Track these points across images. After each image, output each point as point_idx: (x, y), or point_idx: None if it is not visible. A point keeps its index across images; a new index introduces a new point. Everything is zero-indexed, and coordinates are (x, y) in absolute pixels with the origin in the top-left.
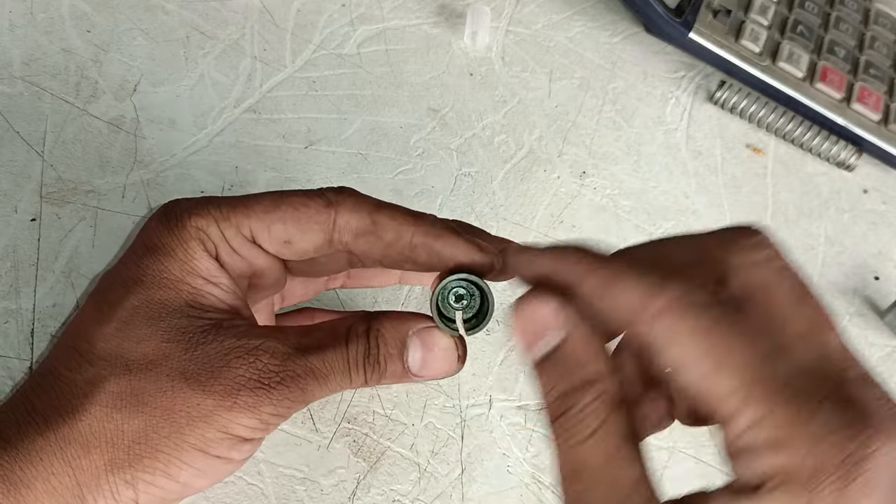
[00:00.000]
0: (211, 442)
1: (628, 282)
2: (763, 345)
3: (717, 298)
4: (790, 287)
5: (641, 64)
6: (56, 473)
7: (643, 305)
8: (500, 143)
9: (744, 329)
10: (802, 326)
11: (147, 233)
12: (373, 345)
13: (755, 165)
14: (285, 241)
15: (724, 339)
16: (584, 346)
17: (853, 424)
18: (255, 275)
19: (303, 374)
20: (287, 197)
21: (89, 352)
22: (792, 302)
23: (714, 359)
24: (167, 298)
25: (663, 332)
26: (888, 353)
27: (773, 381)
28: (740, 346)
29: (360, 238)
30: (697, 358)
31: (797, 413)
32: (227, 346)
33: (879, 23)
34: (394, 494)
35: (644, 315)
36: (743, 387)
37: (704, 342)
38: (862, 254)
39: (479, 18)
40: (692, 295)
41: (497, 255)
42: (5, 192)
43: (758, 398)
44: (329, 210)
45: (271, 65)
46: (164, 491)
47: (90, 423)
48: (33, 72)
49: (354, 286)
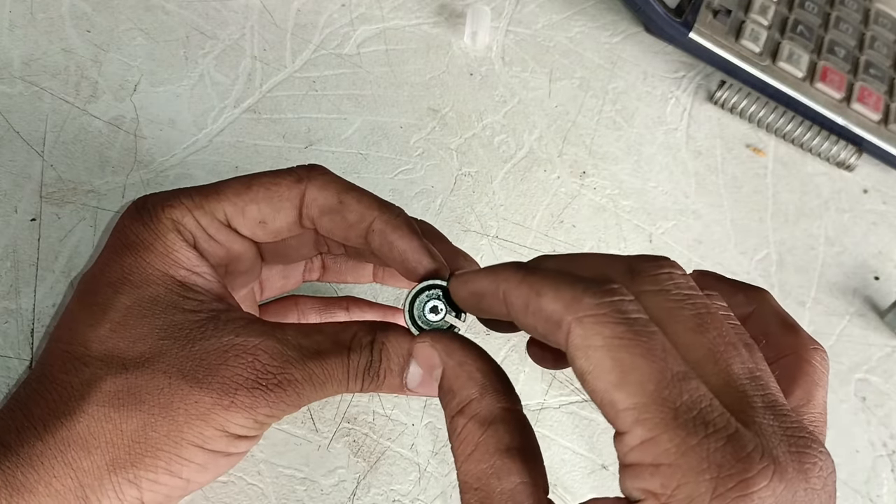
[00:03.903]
0: (209, 438)
1: (549, 294)
2: (667, 368)
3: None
4: (692, 315)
5: (641, 64)
6: (58, 476)
7: (561, 316)
8: (500, 143)
9: (651, 349)
10: (702, 355)
11: (122, 230)
12: (375, 358)
13: (755, 165)
14: (260, 221)
15: (631, 355)
16: (454, 377)
17: (735, 462)
18: (232, 261)
19: (301, 379)
20: (257, 178)
21: (84, 354)
22: (693, 330)
23: (619, 373)
24: (157, 295)
25: (577, 341)
26: (888, 353)
27: (668, 405)
28: (646, 365)
29: (326, 216)
30: (604, 371)
31: (682, 442)
32: (226, 342)
33: (879, 23)
34: (394, 494)
35: (563, 325)
36: (639, 406)
37: (612, 356)
38: (862, 254)
39: (479, 18)
40: (606, 308)
41: (443, 264)
42: (5, 192)
43: (651, 420)
44: (299, 185)
45: (271, 65)
46: (168, 488)
47: (88, 424)
48: (33, 72)
49: (331, 280)
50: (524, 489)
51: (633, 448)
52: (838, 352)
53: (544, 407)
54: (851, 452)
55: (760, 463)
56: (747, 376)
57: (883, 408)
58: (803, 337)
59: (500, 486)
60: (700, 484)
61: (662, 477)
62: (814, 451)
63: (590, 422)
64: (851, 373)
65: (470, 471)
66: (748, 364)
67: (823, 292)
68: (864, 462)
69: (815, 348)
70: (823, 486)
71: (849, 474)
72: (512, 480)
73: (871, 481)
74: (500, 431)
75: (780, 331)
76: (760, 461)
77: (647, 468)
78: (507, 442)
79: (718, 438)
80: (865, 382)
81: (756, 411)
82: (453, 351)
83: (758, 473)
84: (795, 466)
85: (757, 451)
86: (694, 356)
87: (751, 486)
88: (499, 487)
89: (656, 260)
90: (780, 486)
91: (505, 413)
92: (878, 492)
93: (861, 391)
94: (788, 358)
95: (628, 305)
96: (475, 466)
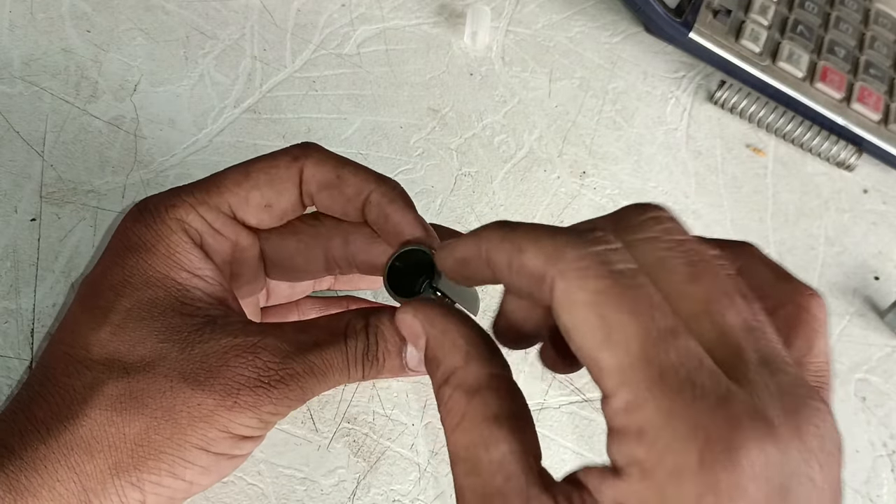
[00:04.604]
0: (213, 441)
1: (530, 250)
2: (654, 324)
3: (615, 268)
4: (684, 263)
5: (641, 64)
6: (61, 480)
7: (543, 270)
8: (500, 143)
9: (637, 304)
10: (695, 306)
11: (125, 232)
12: (372, 341)
13: (755, 165)
14: (266, 205)
15: (617, 311)
16: (438, 346)
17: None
18: (237, 258)
19: (302, 372)
20: (254, 163)
21: (86, 357)
22: (685, 280)
23: (603, 332)
24: (157, 297)
25: (561, 296)
26: (888, 353)
27: (654, 365)
28: (631, 321)
29: (324, 191)
30: (589, 329)
31: (668, 406)
32: (225, 343)
33: (879, 23)
34: (394, 494)
35: (546, 280)
36: (624, 367)
37: (596, 313)
38: (862, 254)
39: (479, 18)
40: (590, 260)
41: (434, 236)
42: (5, 192)
43: (636, 382)
44: (297, 164)
45: (271, 65)
46: (171, 490)
47: (91, 427)
48: (33, 72)
49: (342, 288)
50: (513, 458)
51: (618, 412)
52: (838, 352)
53: (544, 407)
54: (851, 452)
55: (751, 424)
56: (743, 328)
57: (883, 408)
58: (798, 285)
59: (488, 457)
60: (687, 452)
61: (647, 444)
62: (810, 407)
63: (590, 422)
64: (851, 373)
65: (458, 441)
66: (744, 314)
67: (823, 292)
68: (864, 462)
69: (811, 294)
70: (821, 446)
71: (849, 474)
72: (500, 449)
73: (871, 481)
74: (486, 399)
75: (772, 281)
76: (751, 423)
77: (632, 434)
78: (494, 409)
79: (707, 401)
80: (865, 382)
81: (750, 367)
82: (434, 319)
83: (747, 437)
84: (790, 426)
85: (747, 412)
86: (687, 308)
87: (740, 451)
88: (487, 458)
89: (642, 206)
90: (771, 449)
91: (491, 379)
92: (878, 492)
93: (861, 391)
94: (786, 308)
95: (613, 255)
96: (463, 437)
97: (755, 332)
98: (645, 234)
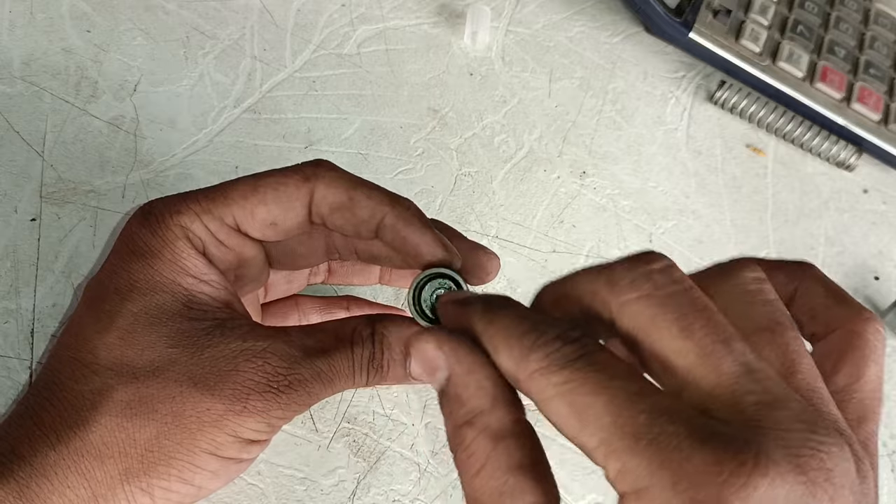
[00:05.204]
0: (222, 445)
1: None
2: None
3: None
4: (674, 319)
5: (641, 64)
6: (72, 486)
7: (515, 375)
8: (500, 143)
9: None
10: (690, 360)
11: (130, 236)
12: (377, 349)
13: (755, 165)
14: (270, 223)
15: (582, 395)
16: (463, 385)
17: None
18: (241, 265)
19: (310, 377)
20: (264, 178)
21: (93, 362)
22: (677, 336)
23: (576, 417)
24: (164, 302)
25: (535, 396)
26: (888, 353)
27: (628, 430)
28: (596, 400)
29: (336, 213)
30: (565, 418)
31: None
32: (234, 348)
33: (879, 23)
34: (394, 494)
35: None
36: (604, 441)
37: (565, 402)
38: (862, 254)
39: (479, 18)
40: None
41: (457, 255)
42: (5, 192)
43: (618, 451)
44: (307, 184)
45: (271, 65)
46: (180, 495)
47: (101, 433)
48: (33, 72)
49: (336, 283)
50: None
51: (615, 481)
52: None
53: None
54: None
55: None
56: (740, 372)
57: (883, 408)
58: (854, 308)
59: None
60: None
61: (645, 501)
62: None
63: None
64: None
65: (481, 487)
66: (742, 358)
67: None
68: None
69: (867, 319)
70: (828, 478)
71: None
72: (525, 500)
73: None
74: (511, 447)
75: (827, 303)
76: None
77: (631, 497)
78: (518, 458)
79: (683, 449)
80: None
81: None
82: (462, 356)
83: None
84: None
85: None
86: (683, 362)
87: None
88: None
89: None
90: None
91: (515, 425)
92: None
93: None
94: (838, 332)
95: (568, 349)
96: (486, 483)
97: (755, 373)
98: (637, 293)
